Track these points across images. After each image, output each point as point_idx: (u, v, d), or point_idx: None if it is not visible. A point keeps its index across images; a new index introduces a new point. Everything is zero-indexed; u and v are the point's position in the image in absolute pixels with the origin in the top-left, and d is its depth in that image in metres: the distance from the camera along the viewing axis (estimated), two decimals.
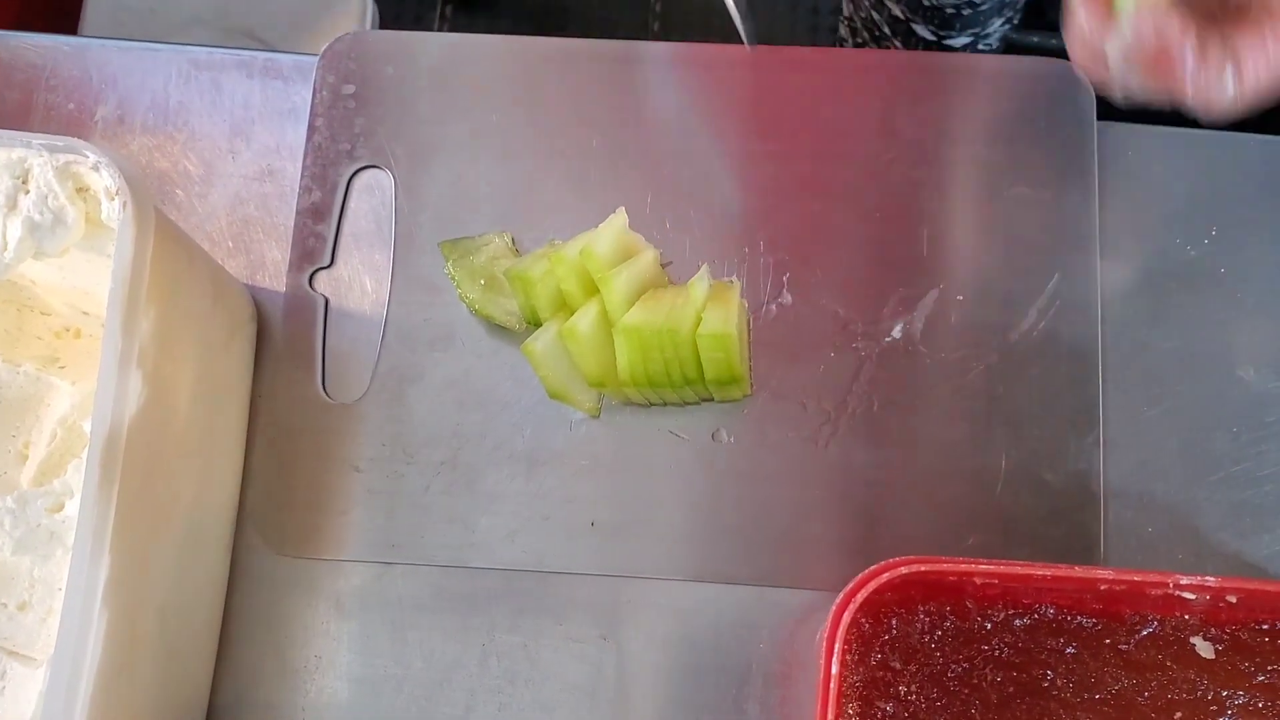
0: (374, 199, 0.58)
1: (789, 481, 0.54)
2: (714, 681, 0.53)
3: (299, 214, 0.58)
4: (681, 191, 0.57)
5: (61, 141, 0.45)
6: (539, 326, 0.54)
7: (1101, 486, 0.53)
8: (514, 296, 0.55)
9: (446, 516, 0.54)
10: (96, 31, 0.97)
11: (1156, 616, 0.47)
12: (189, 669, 0.52)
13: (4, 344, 0.52)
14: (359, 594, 0.54)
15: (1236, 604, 0.46)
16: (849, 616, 0.45)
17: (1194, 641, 0.47)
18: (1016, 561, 0.46)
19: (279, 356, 0.57)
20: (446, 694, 0.53)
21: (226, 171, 0.59)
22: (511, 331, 0.56)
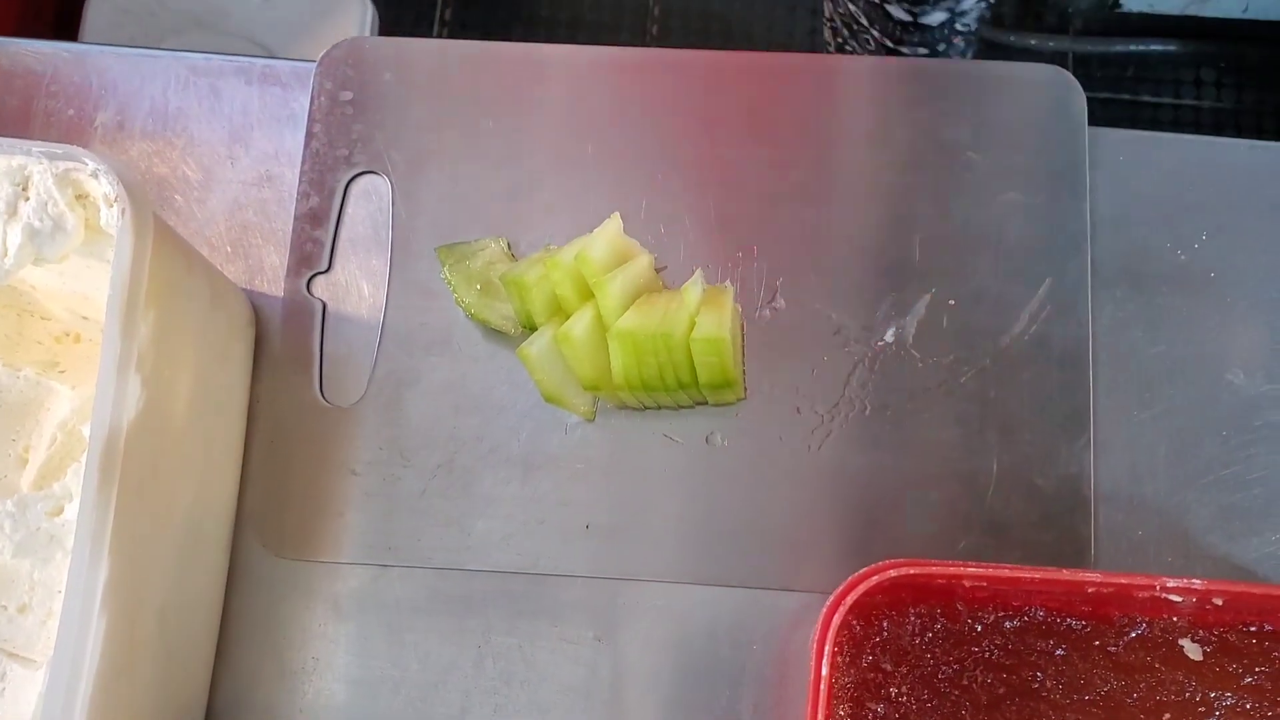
0: (371, 204, 0.59)
1: (782, 485, 0.54)
2: (707, 683, 0.53)
3: (297, 219, 0.58)
4: (676, 197, 0.58)
5: (61, 149, 0.45)
6: (534, 331, 0.54)
7: (1092, 490, 0.53)
8: (510, 301, 0.55)
9: (443, 519, 0.55)
10: (97, 34, 0.98)
11: (1145, 619, 0.47)
12: (188, 671, 0.53)
13: (4, 348, 0.52)
14: (356, 596, 0.55)
15: (1223, 606, 0.46)
16: (840, 618, 0.45)
17: (1182, 643, 0.47)
18: (1006, 564, 0.46)
19: (277, 361, 0.57)
20: (442, 695, 0.54)
21: (225, 177, 0.60)
22: (507, 336, 0.56)
